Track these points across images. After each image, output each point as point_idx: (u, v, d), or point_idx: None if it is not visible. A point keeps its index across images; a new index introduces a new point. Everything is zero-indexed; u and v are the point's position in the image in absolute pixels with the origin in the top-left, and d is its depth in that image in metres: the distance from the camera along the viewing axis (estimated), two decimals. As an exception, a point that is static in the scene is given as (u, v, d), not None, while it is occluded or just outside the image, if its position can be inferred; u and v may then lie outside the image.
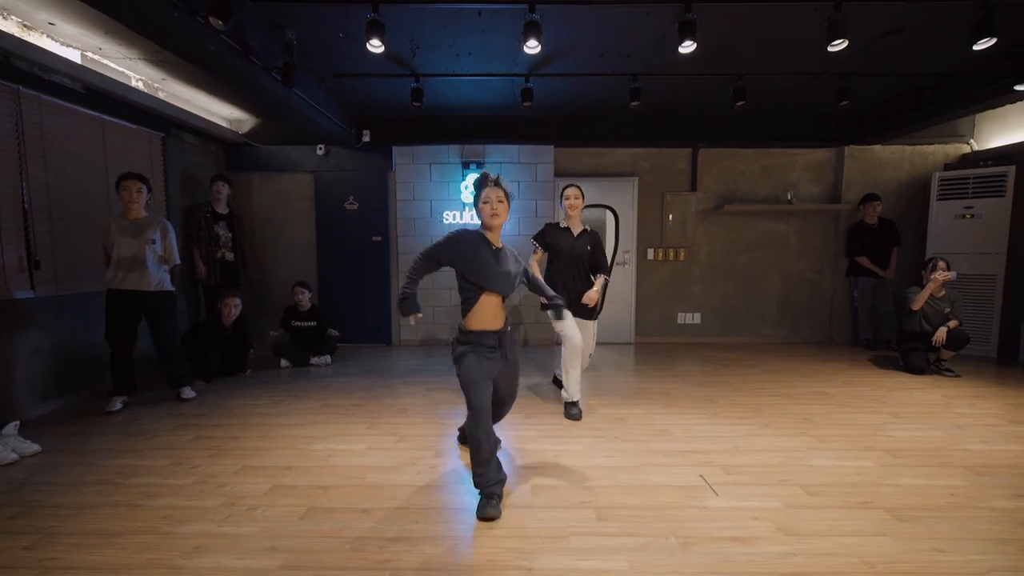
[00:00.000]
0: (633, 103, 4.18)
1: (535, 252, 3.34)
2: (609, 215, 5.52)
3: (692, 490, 2.15)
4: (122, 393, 3.32)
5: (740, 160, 5.51)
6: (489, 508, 1.94)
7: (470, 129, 5.33)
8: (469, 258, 2.15)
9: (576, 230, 3.33)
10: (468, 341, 2.16)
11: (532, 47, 2.99)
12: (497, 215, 2.17)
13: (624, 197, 5.52)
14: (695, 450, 2.58)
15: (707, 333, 5.68)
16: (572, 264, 3.29)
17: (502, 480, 2.06)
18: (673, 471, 2.34)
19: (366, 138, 5.32)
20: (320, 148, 5.32)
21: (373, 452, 2.58)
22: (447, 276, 5.51)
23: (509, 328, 2.28)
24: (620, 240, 5.52)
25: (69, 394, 3.43)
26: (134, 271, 3.23)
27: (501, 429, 2.87)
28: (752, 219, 5.57)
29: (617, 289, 5.60)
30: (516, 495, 2.12)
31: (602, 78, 4.18)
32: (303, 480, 2.27)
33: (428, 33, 3.40)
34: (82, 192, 3.57)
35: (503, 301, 2.26)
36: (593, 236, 3.36)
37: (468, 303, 2.19)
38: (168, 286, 3.42)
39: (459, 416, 3.14)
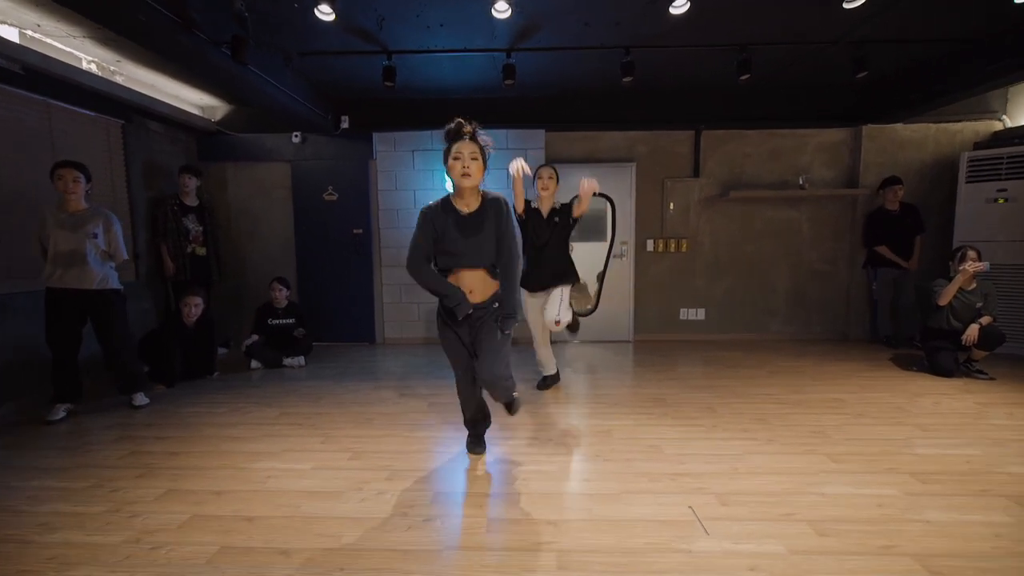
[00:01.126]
0: (625, 79, 3.79)
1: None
2: (606, 204, 5.17)
3: (678, 526, 1.81)
4: (65, 400, 3.06)
5: (746, 142, 5.08)
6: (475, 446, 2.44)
7: (455, 113, 4.92)
8: (438, 236, 2.02)
9: (546, 212, 3.23)
10: (441, 314, 2.16)
11: (501, 10, 2.65)
12: (469, 174, 1.95)
13: (621, 185, 5.14)
14: (686, 472, 2.24)
15: (712, 330, 5.30)
16: (546, 244, 3.21)
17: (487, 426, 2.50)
18: (659, 500, 2.00)
19: (344, 124, 5.00)
20: (296, 135, 5.01)
21: (318, 473, 2.28)
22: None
23: (495, 306, 2.11)
24: (617, 231, 5.16)
25: (11, 399, 3.18)
26: (73, 267, 2.95)
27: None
28: (759, 206, 5.15)
29: (614, 283, 5.23)
30: (466, 529, 1.80)
31: (590, 52, 3.80)
32: (228, 509, 1.97)
33: (391, 1, 3.06)
34: (26, 183, 3.30)
35: (486, 273, 2.07)
36: (561, 211, 3.23)
37: (443, 275, 2.10)
38: (114, 284, 3.14)
39: (427, 428, 2.83)
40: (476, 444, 2.47)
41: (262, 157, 5.08)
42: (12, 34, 3.19)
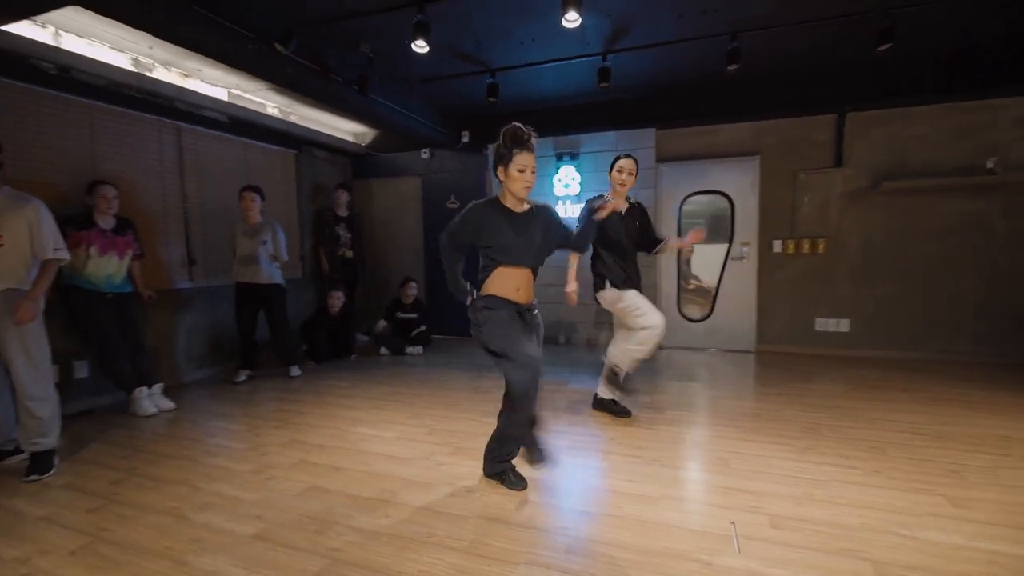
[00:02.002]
0: (731, 66, 3.52)
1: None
2: (726, 203, 4.80)
3: (709, 538, 1.72)
4: (246, 368, 4.01)
5: (910, 121, 4.25)
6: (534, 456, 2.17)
7: (565, 119, 5.13)
8: (487, 234, 1.99)
9: (624, 205, 3.00)
10: (491, 306, 1.99)
11: (572, 20, 2.73)
12: (530, 187, 1.97)
13: (743, 180, 4.72)
14: (747, 489, 2.06)
15: (858, 344, 4.53)
16: (626, 238, 3.00)
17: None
18: (699, 510, 1.90)
19: (465, 139, 5.51)
20: (425, 152, 5.68)
21: (399, 441, 2.66)
22: (541, 271, 5.41)
23: (535, 311, 2.14)
24: (736, 231, 4.76)
25: (218, 365, 4.27)
26: (250, 267, 3.87)
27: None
28: (931, 198, 4.25)
29: (734, 288, 4.83)
30: (499, 504, 1.96)
31: (692, 43, 3.62)
32: (325, 459, 2.44)
33: (482, 26, 3.35)
34: (228, 203, 4.39)
35: (532, 275, 2.10)
36: (639, 209, 3.07)
37: (486, 271, 2.04)
38: (278, 280, 4.01)
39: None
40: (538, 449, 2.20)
41: (399, 172, 5.87)
42: (222, 94, 4.29)
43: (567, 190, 5.17)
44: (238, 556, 1.65)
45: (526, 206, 2.08)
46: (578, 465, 2.33)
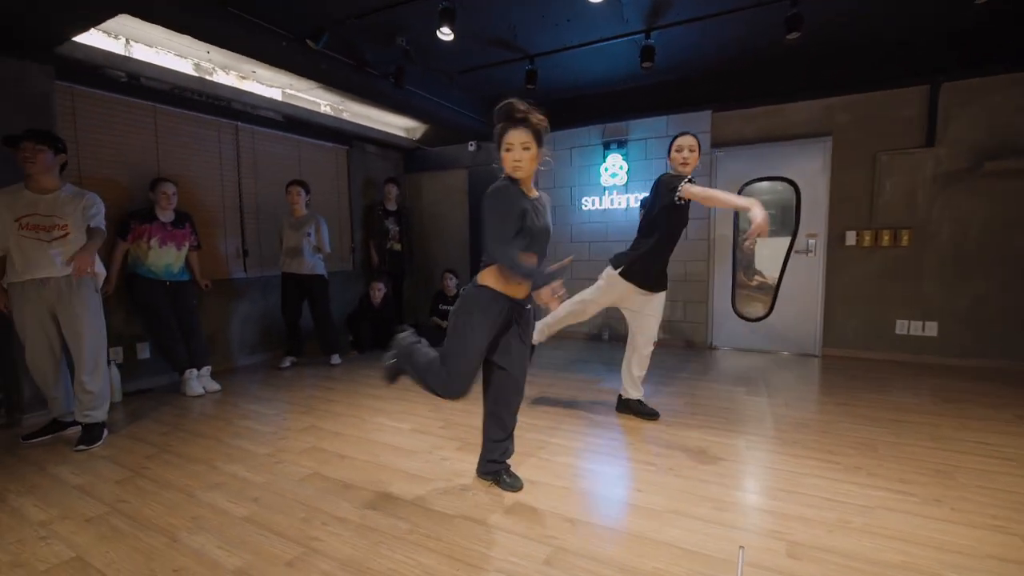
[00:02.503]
0: (791, 35, 3.14)
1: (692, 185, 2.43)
2: (790, 191, 4.35)
3: (708, 563, 1.52)
4: (292, 354, 4.22)
5: (1021, 91, 3.58)
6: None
7: (612, 104, 4.89)
8: (506, 220, 1.76)
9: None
10: (480, 302, 1.81)
11: (595, -7, 2.54)
12: (520, 166, 1.76)
13: (810, 165, 4.24)
14: (771, 510, 1.81)
15: (948, 351, 3.91)
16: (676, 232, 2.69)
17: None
18: (706, 530, 1.70)
19: (511, 130, 5.42)
20: (471, 144, 5.66)
21: (411, 433, 2.65)
22: (585, 265, 5.23)
23: (530, 305, 1.95)
24: (802, 221, 4.30)
25: (267, 351, 4.54)
26: (295, 258, 4.05)
27: (535, 432, 2.59)
28: (1047, 180, 3.57)
29: (797, 284, 4.36)
30: (487, 505, 1.87)
31: (745, 13, 3.27)
32: (336, 446, 2.48)
33: (514, 9, 3.24)
34: (281, 198, 4.61)
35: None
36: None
37: (488, 261, 1.85)
38: (320, 271, 4.17)
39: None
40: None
41: (447, 166, 5.91)
42: (276, 94, 4.51)
43: (614, 180, 4.94)
44: (225, 537, 1.70)
45: (535, 192, 1.92)
46: (586, 470, 2.19)
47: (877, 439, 2.44)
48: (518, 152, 1.76)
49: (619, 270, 2.71)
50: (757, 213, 2.14)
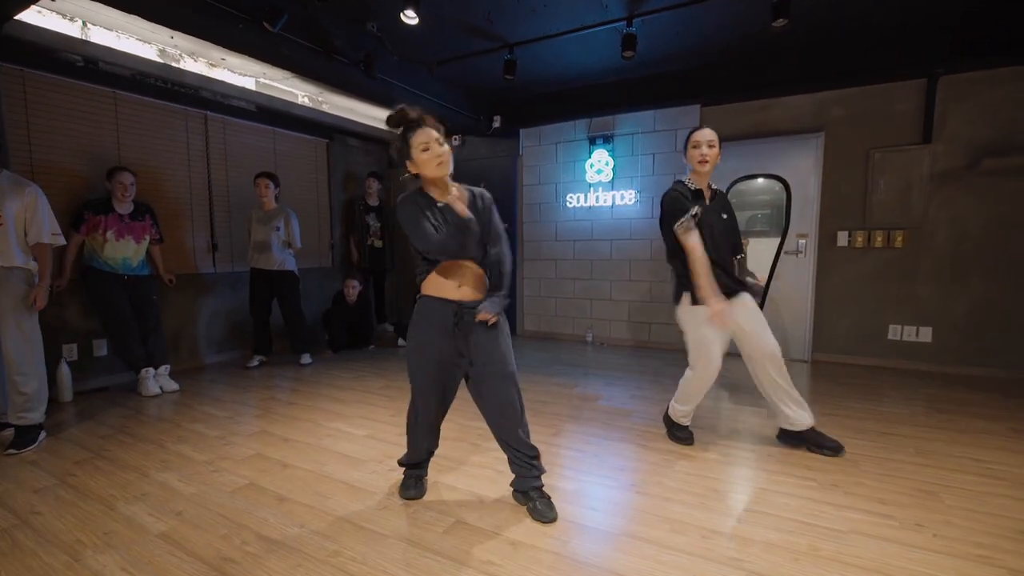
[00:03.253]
0: (777, 21, 2.97)
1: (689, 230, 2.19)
2: (780, 189, 4.18)
3: (657, 596, 1.36)
4: (260, 353, 4.07)
5: (1022, 84, 3.40)
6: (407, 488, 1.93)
7: (599, 98, 4.71)
8: (415, 235, 1.72)
9: (707, 192, 2.34)
10: (420, 310, 1.77)
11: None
12: (444, 162, 1.69)
13: (801, 163, 4.06)
14: (734, 534, 1.65)
15: (942, 359, 3.74)
16: (719, 236, 2.28)
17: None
18: (660, 558, 1.53)
19: (496, 124, 5.26)
20: (456, 139, 5.50)
21: (364, 441, 2.49)
22: (569, 264, 5.07)
23: (482, 307, 1.73)
24: (792, 221, 4.12)
25: (236, 350, 4.39)
26: (263, 253, 3.90)
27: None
28: (1049, 179, 3.39)
29: (786, 286, 4.19)
30: (429, 523, 1.71)
31: (735, 1, 3.10)
32: (281, 454, 2.32)
33: (486, -8, 3.08)
34: (254, 190, 4.48)
35: (477, 267, 1.77)
36: (723, 197, 2.39)
37: (423, 273, 1.79)
38: (290, 267, 4.01)
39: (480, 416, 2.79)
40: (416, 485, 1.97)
41: (431, 161, 5.74)
42: (250, 83, 4.35)
43: (600, 176, 4.77)
44: (132, 557, 1.55)
45: (454, 191, 1.77)
46: (548, 487, 2.02)
47: (860, 453, 2.28)
48: (436, 148, 1.69)
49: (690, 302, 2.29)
50: (714, 306, 2.11)
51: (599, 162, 4.76)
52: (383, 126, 1.82)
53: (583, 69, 4.35)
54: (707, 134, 2.30)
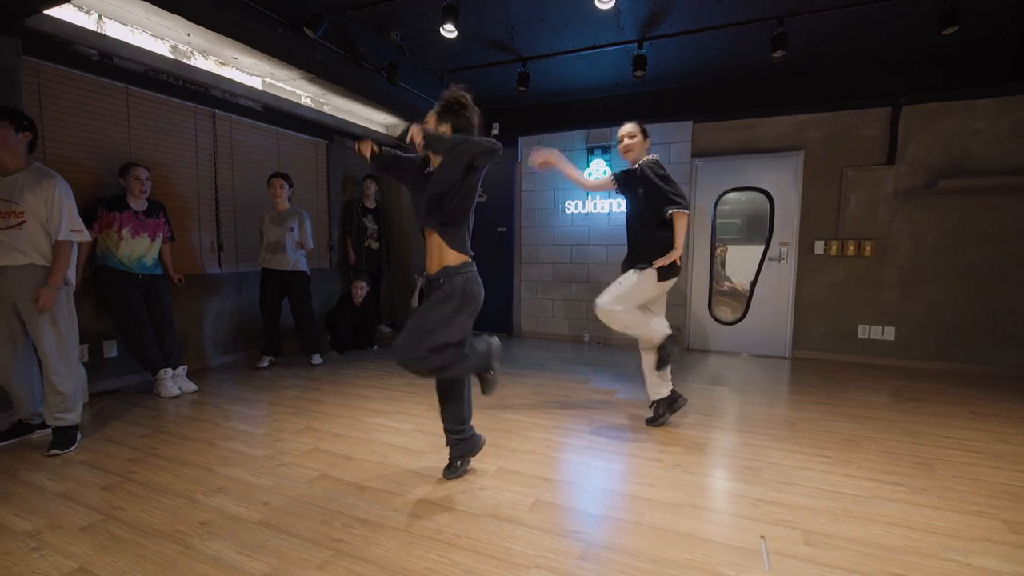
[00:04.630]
0: (776, 53, 3.32)
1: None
2: (764, 201, 4.58)
3: (735, 552, 1.59)
4: (269, 354, 4.05)
5: (974, 116, 3.94)
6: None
7: (597, 111, 4.98)
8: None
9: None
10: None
11: (605, 1, 2.60)
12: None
13: (783, 177, 4.48)
14: (777, 501, 1.91)
15: (904, 354, 4.24)
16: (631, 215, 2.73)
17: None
18: (725, 522, 1.77)
19: (495, 131, 5.43)
20: (454, 144, 5.62)
21: (413, 433, 2.60)
22: (566, 268, 5.30)
23: (443, 279, 1.85)
24: (776, 230, 4.53)
25: (242, 351, 4.33)
26: (277, 253, 3.89)
27: (546, 431, 2.61)
28: (991, 198, 3.93)
29: (770, 290, 4.59)
30: (511, 503, 1.87)
31: (735, 30, 3.43)
32: (339, 448, 2.40)
33: (515, 8, 3.26)
34: (258, 190, 4.43)
35: (435, 236, 1.88)
36: (641, 173, 2.62)
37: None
38: (303, 267, 4.02)
39: (520, 410, 2.96)
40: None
41: (428, 165, 5.84)
42: (256, 82, 4.33)
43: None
44: (243, 542, 1.62)
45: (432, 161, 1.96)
46: (594, 467, 2.22)
47: (857, 435, 2.62)
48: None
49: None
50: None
51: (597, 171, 5.03)
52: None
53: (586, 84, 4.61)
54: (626, 128, 2.70)
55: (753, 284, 4.66)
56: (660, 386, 2.70)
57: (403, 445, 2.44)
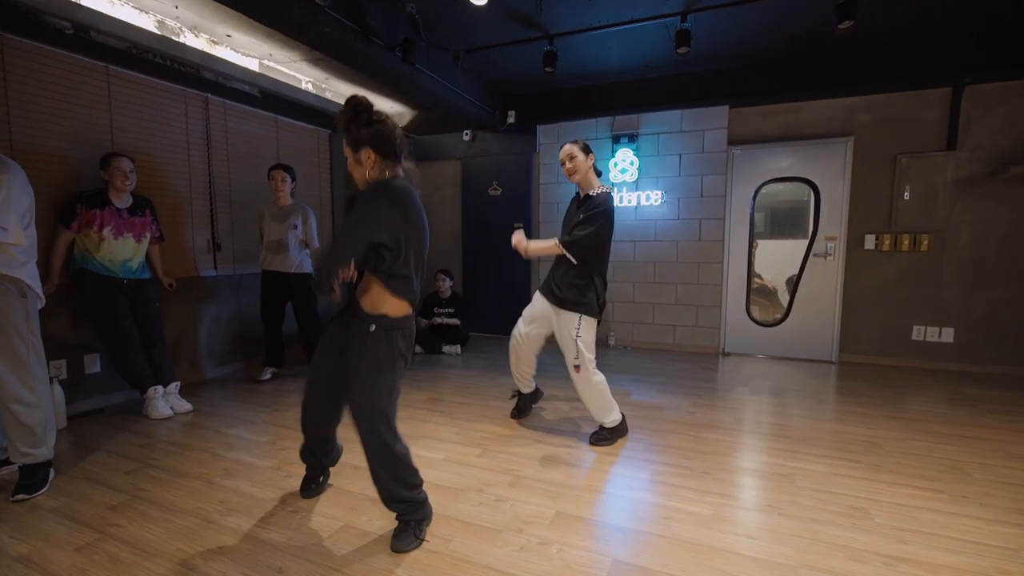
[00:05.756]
0: (843, 24, 2.94)
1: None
2: (808, 192, 4.22)
3: (891, 641, 1.23)
4: (272, 364, 3.66)
5: (1044, 97, 3.58)
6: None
7: (624, 96, 4.59)
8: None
9: (581, 200, 2.53)
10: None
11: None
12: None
13: (830, 166, 4.12)
14: (911, 558, 1.55)
15: (963, 358, 3.90)
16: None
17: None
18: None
19: (511, 119, 5.03)
20: (466, 134, 5.24)
21: (446, 465, 2.23)
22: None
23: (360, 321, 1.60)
24: (821, 224, 4.17)
25: (241, 361, 3.94)
26: (279, 253, 3.50)
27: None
28: (1065, 188, 3.59)
29: (814, 288, 4.24)
30: (584, 565, 1.51)
31: (792, 0, 3.05)
32: (361, 487, 2.03)
33: (549, -24, 2.87)
34: (257, 184, 4.02)
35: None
36: (587, 202, 2.44)
37: None
38: (307, 268, 3.63)
39: (560, 435, 2.59)
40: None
41: (438, 156, 5.45)
42: (253, 64, 3.91)
43: (624, 176, 4.66)
44: (252, 635, 1.25)
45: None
46: (673, 510, 1.86)
47: (958, 459, 2.26)
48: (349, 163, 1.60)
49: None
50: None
51: (623, 161, 4.65)
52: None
53: (612, 65, 4.21)
54: (567, 149, 2.44)
55: (796, 282, 4.31)
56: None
57: (437, 482, 2.07)
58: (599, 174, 2.56)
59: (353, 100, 1.54)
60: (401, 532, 1.62)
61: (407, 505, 1.63)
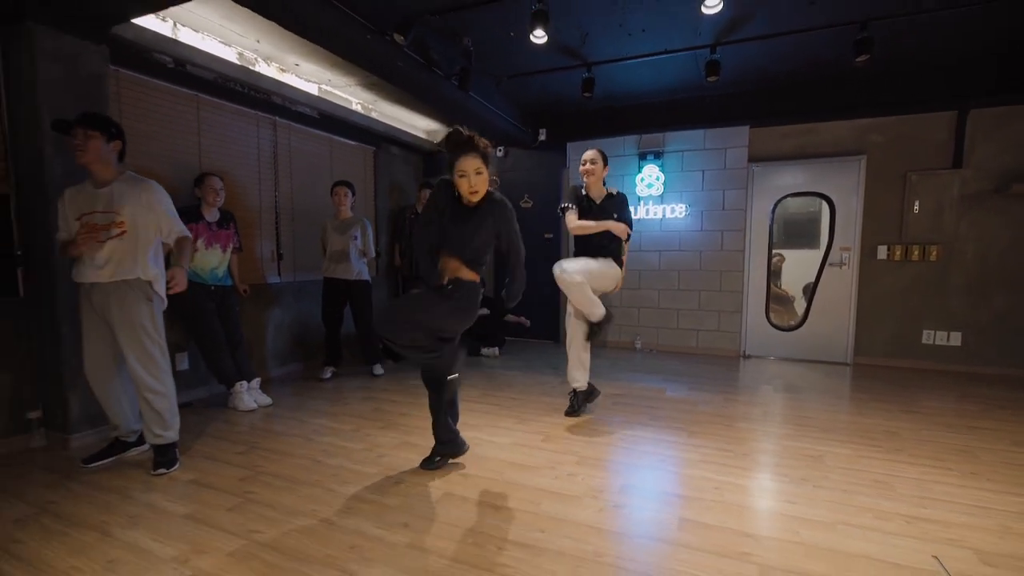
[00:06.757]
0: (860, 58, 3.28)
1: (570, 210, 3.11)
2: (820, 204, 4.55)
3: (913, 573, 1.53)
4: (332, 364, 3.99)
5: (1042, 120, 3.91)
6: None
7: (649, 116, 4.95)
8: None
9: (598, 198, 3.15)
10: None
11: (712, 5, 2.57)
12: (476, 191, 2.01)
13: (845, 182, 4.45)
14: (930, 519, 1.85)
15: (970, 360, 4.19)
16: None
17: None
18: (889, 541, 1.71)
19: (542, 137, 5.39)
20: (500, 150, 5.59)
21: (516, 448, 2.54)
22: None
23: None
24: (836, 235, 4.49)
25: (301, 361, 4.27)
26: (341, 263, 3.84)
27: (653, 443, 2.56)
28: (1062, 203, 3.90)
29: (830, 295, 4.55)
30: (657, 522, 1.81)
31: (812, 34, 3.40)
32: (447, 463, 2.34)
33: (596, 14, 3.22)
34: (314, 198, 4.39)
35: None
36: (614, 198, 3.14)
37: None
38: (366, 276, 3.97)
39: (612, 424, 2.90)
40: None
41: (471, 171, 5.79)
42: (313, 89, 4.28)
43: (650, 191, 5.00)
44: (405, 568, 1.56)
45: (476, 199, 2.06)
46: (721, 482, 2.16)
47: (970, 446, 2.56)
48: (473, 177, 1.96)
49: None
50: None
51: (650, 176, 4.99)
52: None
53: (642, 89, 4.57)
54: (587, 154, 3.10)
55: (813, 290, 4.62)
56: (579, 372, 3.01)
57: (512, 460, 2.38)
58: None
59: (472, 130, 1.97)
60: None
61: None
